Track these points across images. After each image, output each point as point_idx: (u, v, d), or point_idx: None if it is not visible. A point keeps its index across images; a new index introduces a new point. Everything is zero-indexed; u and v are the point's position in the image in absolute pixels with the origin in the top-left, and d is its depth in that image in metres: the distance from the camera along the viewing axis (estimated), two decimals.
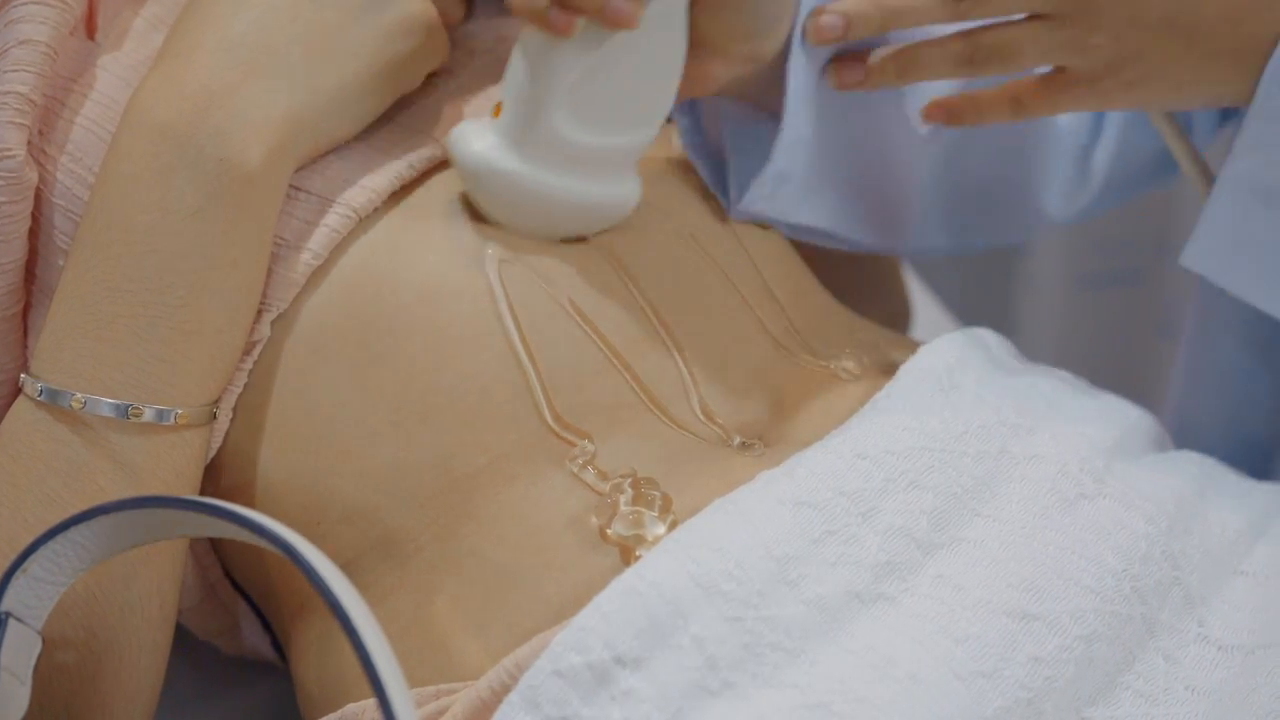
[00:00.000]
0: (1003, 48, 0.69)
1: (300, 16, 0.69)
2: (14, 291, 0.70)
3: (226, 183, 0.66)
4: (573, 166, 0.69)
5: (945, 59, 0.70)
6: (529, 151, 0.68)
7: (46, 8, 0.70)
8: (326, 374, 0.68)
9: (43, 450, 0.66)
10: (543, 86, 0.67)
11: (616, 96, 0.68)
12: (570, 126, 0.68)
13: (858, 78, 0.72)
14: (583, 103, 0.67)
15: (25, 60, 0.69)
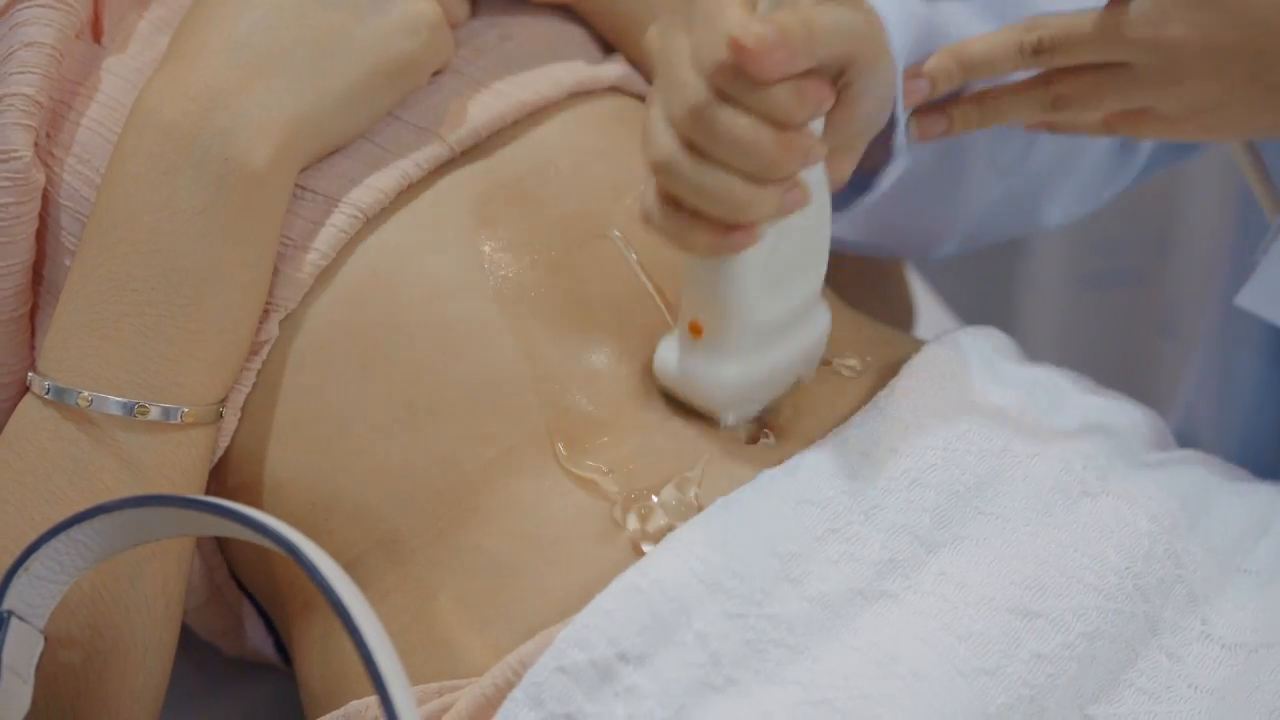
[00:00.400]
0: (1085, 95, 0.69)
1: (305, 17, 0.69)
2: (21, 292, 0.70)
3: (232, 182, 0.66)
4: (780, 336, 0.67)
5: (1028, 105, 0.71)
6: (747, 353, 0.66)
7: (51, 10, 0.70)
8: (335, 373, 0.68)
9: (49, 448, 0.66)
10: (737, 292, 0.65)
11: (794, 255, 0.66)
12: (770, 308, 0.66)
13: (941, 127, 0.72)
14: (772, 281, 0.65)
15: (30, 62, 0.69)
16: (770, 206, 0.61)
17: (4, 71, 0.69)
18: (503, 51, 0.77)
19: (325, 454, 0.68)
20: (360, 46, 0.70)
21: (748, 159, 0.60)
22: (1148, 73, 0.67)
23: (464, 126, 0.73)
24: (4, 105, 0.69)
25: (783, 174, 0.60)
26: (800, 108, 0.59)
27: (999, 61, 0.69)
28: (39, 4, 0.70)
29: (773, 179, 0.60)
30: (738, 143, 0.59)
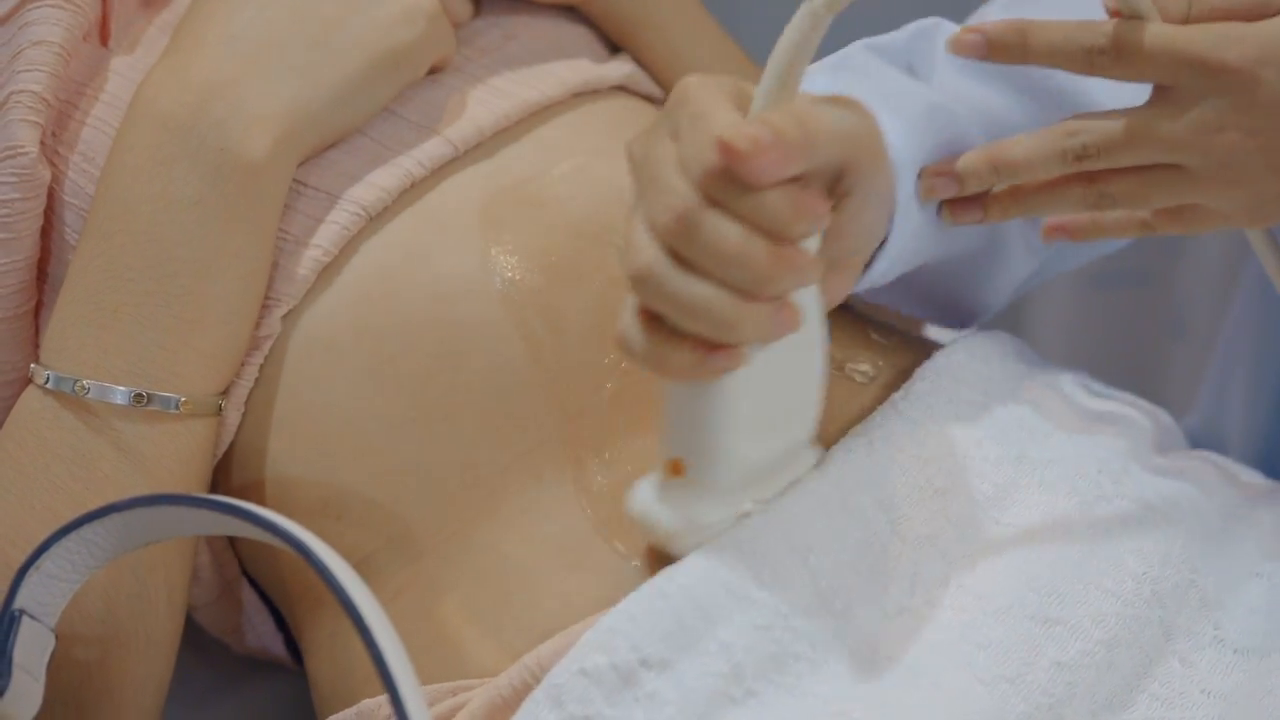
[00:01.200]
0: (1133, 194, 0.65)
1: (301, 10, 0.69)
2: (26, 289, 0.70)
3: (228, 172, 0.66)
4: (766, 478, 0.63)
5: (1069, 201, 0.66)
6: (731, 493, 0.61)
7: (60, 10, 0.70)
8: (342, 372, 0.68)
9: (49, 437, 0.66)
10: (721, 425, 0.59)
11: (785, 388, 0.61)
12: (756, 447, 0.61)
13: (975, 217, 0.68)
14: (760, 415, 0.60)
15: (38, 60, 0.69)
16: (759, 326, 0.56)
17: (12, 69, 0.69)
18: (506, 51, 0.77)
19: (334, 453, 0.68)
20: (357, 38, 0.70)
21: (737, 271, 0.55)
22: (1203, 174, 0.63)
23: (467, 125, 0.72)
24: (11, 102, 0.69)
25: (774, 291, 0.56)
26: (795, 217, 0.56)
27: (1039, 167, 0.65)
28: (48, 4, 0.70)
29: (763, 295, 0.56)
30: (727, 252, 0.55)
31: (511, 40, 0.78)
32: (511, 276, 0.69)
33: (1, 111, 0.69)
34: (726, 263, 0.55)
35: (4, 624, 0.60)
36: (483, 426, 0.67)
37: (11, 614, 0.60)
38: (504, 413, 0.67)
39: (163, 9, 0.76)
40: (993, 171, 0.65)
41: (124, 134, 0.67)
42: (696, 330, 0.56)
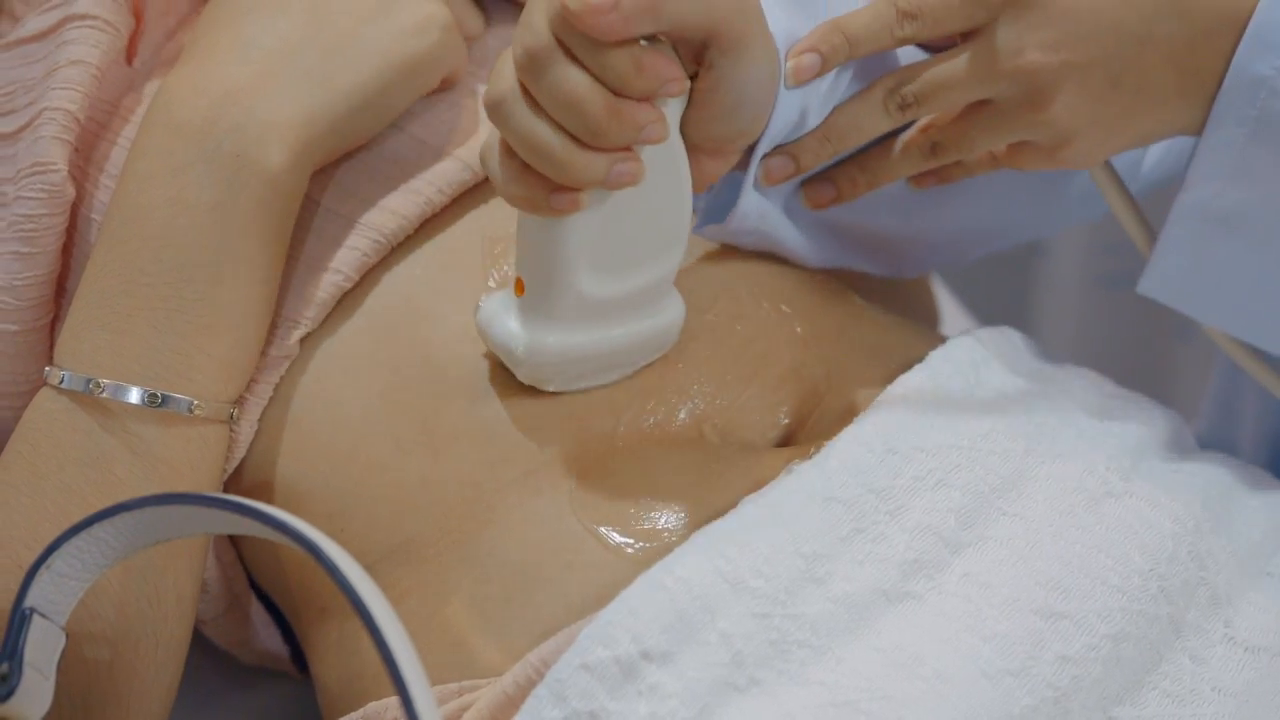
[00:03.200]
0: (959, 139, 0.68)
1: (316, 17, 0.70)
2: (45, 303, 0.71)
3: (244, 178, 0.67)
4: (612, 316, 0.65)
5: (909, 159, 0.70)
6: (565, 321, 0.65)
7: (99, 32, 0.71)
8: (357, 394, 0.69)
9: (63, 439, 0.66)
10: (560, 258, 0.63)
11: (635, 238, 0.64)
12: (598, 284, 0.64)
13: (830, 195, 0.71)
14: (604, 258, 0.63)
15: (74, 80, 0.70)
16: (593, 173, 0.59)
17: (47, 85, 0.70)
18: None
19: (342, 468, 0.68)
20: (370, 46, 0.70)
21: (573, 117, 0.58)
22: (1013, 105, 0.66)
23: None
24: (44, 119, 0.70)
25: (610, 142, 0.59)
26: (636, 76, 0.58)
27: (866, 126, 0.68)
28: (88, 25, 0.71)
29: (599, 145, 0.59)
30: (565, 98, 0.58)
31: None
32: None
33: (33, 127, 0.70)
34: (563, 108, 0.58)
35: (15, 622, 0.60)
36: (488, 450, 0.67)
37: (23, 612, 0.60)
38: (512, 442, 0.67)
39: (187, 29, 0.77)
40: (824, 142, 0.68)
41: (140, 141, 0.68)
42: (536, 167, 0.59)
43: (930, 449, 0.65)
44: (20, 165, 0.70)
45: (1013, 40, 0.64)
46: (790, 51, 0.65)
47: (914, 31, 0.66)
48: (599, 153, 0.59)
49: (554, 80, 0.58)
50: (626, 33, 0.57)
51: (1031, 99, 0.65)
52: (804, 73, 0.65)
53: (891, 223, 0.76)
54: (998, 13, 0.65)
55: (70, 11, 0.72)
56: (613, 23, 0.57)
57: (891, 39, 0.67)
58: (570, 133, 0.58)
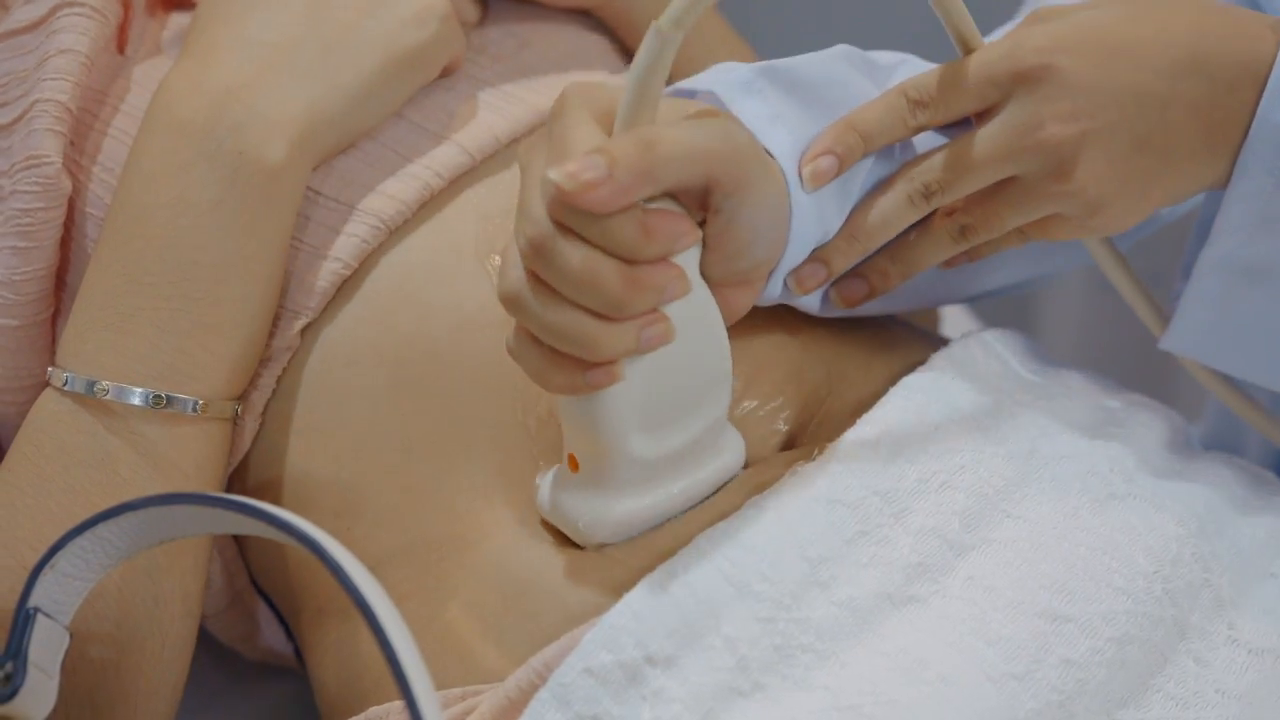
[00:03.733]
0: (988, 219, 0.67)
1: (314, 12, 0.70)
2: (45, 297, 0.71)
3: (246, 176, 0.66)
4: (672, 471, 0.63)
5: (942, 246, 0.68)
6: (624, 488, 0.62)
7: (87, 20, 0.71)
8: (361, 389, 0.68)
9: (67, 440, 0.66)
10: (607, 430, 0.60)
11: (678, 391, 0.62)
12: (651, 445, 0.62)
13: (863, 292, 0.70)
14: (652, 418, 0.61)
15: (64, 69, 0.70)
16: (623, 344, 0.58)
17: (37, 77, 0.70)
18: (521, 59, 0.77)
19: (350, 466, 0.68)
20: (370, 39, 0.70)
21: (590, 295, 0.56)
22: (1038, 179, 0.65)
23: (484, 133, 0.73)
24: (36, 111, 0.69)
25: (633, 311, 0.57)
26: (646, 243, 0.57)
27: (893, 221, 0.66)
28: (75, 13, 0.71)
29: (622, 316, 0.57)
30: (576, 278, 0.56)
31: (526, 48, 0.78)
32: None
33: (26, 119, 0.69)
34: (579, 288, 0.57)
35: (19, 621, 0.60)
36: (499, 461, 0.67)
37: (27, 612, 0.60)
38: (522, 454, 0.67)
39: (176, 14, 0.77)
40: (852, 242, 0.67)
41: (141, 140, 0.68)
42: (565, 350, 0.58)
43: (934, 451, 0.65)
44: (15, 158, 0.70)
45: (1029, 115, 0.64)
46: (805, 156, 0.64)
47: (927, 119, 0.66)
48: (626, 322, 0.57)
49: (564, 263, 0.56)
50: (625, 203, 0.56)
51: (1056, 171, 0.64)
52: (822, 176, 0.64)
53: (923, 298, 0.76)
54: (1010, 90, 0.64)
55: (58, 0, 0.71)
56: (609, 195, 0.55)
57: (905, 129, 0.66)
58: (592, 310, 0.57)
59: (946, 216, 0.68)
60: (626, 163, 0.55)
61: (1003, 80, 0.64)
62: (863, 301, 0.70)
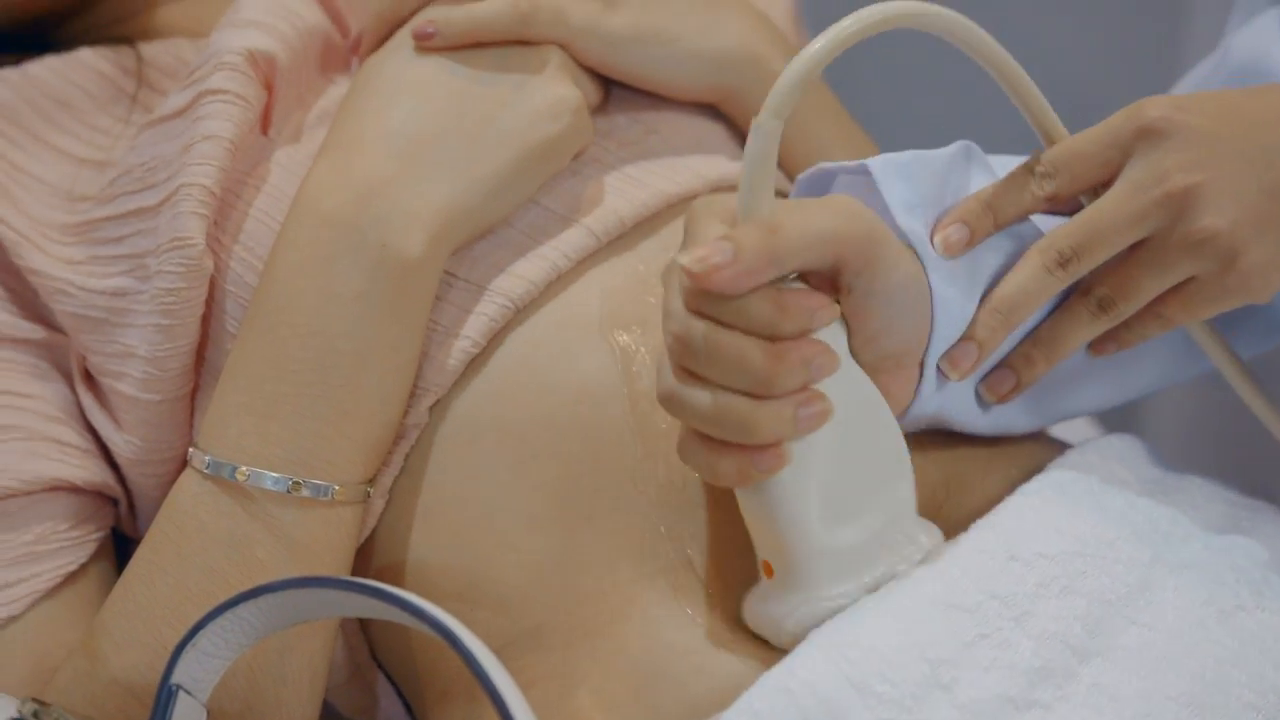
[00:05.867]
0: (1125, 287, 0.67)
1: (454, 105, 0.71)
2: (186, 373, 0.73)
3: (388, 268, 0.68)
4: (866, 563, 0.63)
5: (1083, 323, 0.69)
6: (820, 584, 0.63)
7: (232, 106, 0.73)
8: (485, 464, 0.70)
9: (207, 521, 0.68)
10: (789, 521, 0.61)
11: (853, 474, 0.62)
12: (836, 534, 0.62)
13: (1010, 383, 0.70)
14: (832, 505, 0.62)
15: (210, 154, 0.72)
16: (783, 421, 0.59)
17: (183, 161, 0.72)
18: (647, 145, 0.79)
19: (472, 543, 0.69)
20: (507, 132, 0.71)
21: (738, 375, 0.59)
22: (1169, 234, 0.65)
23: (609, 216, 0.74)
24: (182, 194, 0.71)
25: (785, 387, 0.59)
26: (782, 318, 0.59)
27: (1034, 292, 0.67)
28: (220, 99, 0.73)
29: (775, 393, 0.59)
30: (724, 362, 0.59)
31: (652, 135, 0.79)
32: (649, 383, 0.70)
33: (172, 202, 0.71)
34: (728, 371, 0.59)
35: (162, 699, 0.62)
36: (624, 534, 0.68)
37: (169, 689, 0.62)
38: (644, 528, 0.68)
39: (318, 99, 0.79)
40: (994, 314, 0.67)
41: (288, 230, 0.70)
42: (727, 437, 0.59)
43: (1054, 555, 0.64)
44: (161, 239, 0.72)
45: (1153, 170, 0.65)
46: (936, 227, 0.66)
47: (1054, 188, 0.67)
48: (780, 400, 0.59)
49: (709, 350, 0.59)
50: (753, 282, 0.58)
51: (1185, 223, 0.65)
52: (954, 246, 0.66)
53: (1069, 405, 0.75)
54: (1131, 148, 0.66)
55: (205, 87, 0.73)
56: (737, 275, 0.58)
57: (1033, 199, 0.67)
58: (746, 392, 0.59)
59: (1084, 294, 0.69)
60: (751, 245, 0.58)
61: (1124, 139, 0.66)
62: (1012, 394, 0.70)
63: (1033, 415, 0.73)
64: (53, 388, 0.75)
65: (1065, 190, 0.68)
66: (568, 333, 0.71)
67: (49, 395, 0.75)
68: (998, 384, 0.70)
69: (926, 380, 0.67)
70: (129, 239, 0.74)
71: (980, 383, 0.70)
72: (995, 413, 0.72)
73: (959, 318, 0.67)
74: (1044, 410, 0.73)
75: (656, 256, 0.74)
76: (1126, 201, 0.66)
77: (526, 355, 0.71)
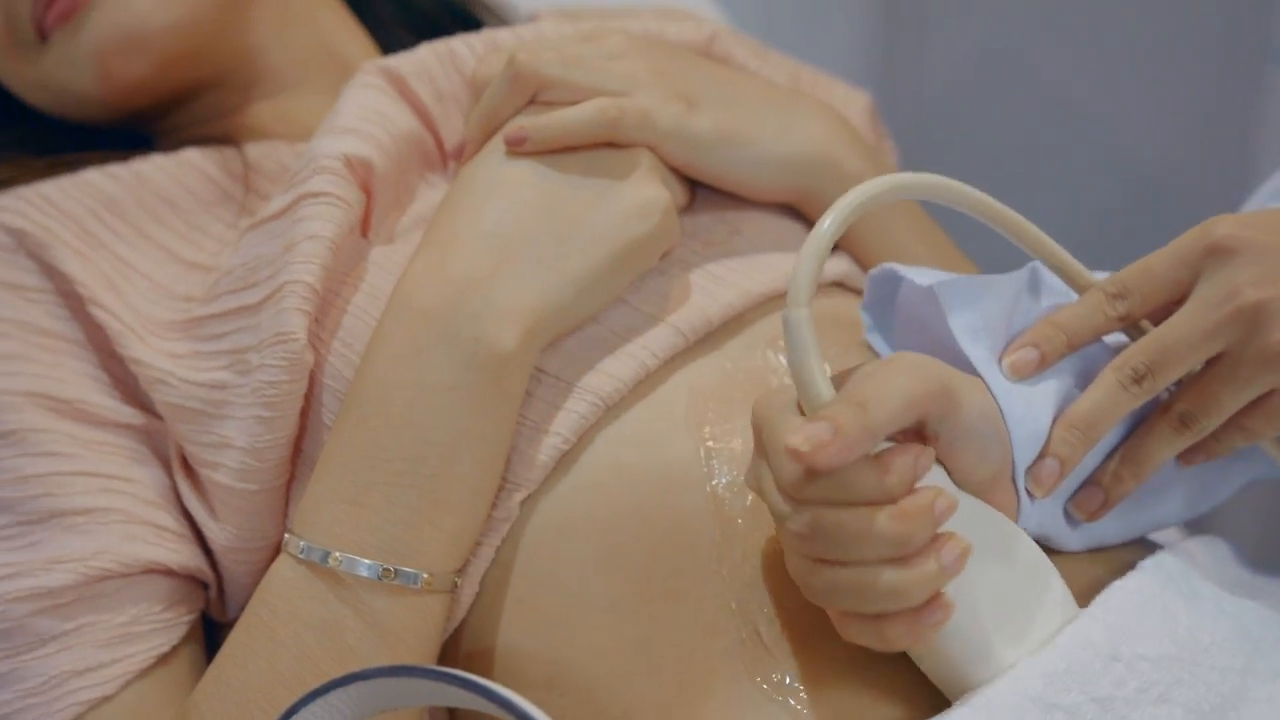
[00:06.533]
0: (1204, 401, 0.68)
1: (547, 204, 0.73)
2: (283, 464, 0.74)
3: (481, 362, 0.70)
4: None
5: (1166, 439, 0.70)
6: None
7: (333, 207, 0.75)
8: (573, 555, 0.71)
9: (300, 607, 0.69)
10: (981, 661, 0.63)
11: (1014, 589, 0.64)
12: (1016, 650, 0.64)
13: (1099, 500, 0.71)
14: (1011, 627, 0.64)
15: (312, 253, 0.74)
16: (931, 573, 0.60)
17: (286, 260, 0.74)
18: (731, 244, 0.80)
19: (559, 631, 0.70)
20: (598, 232, 0.73)
21: (873, 546, 0.60)
22: (1245, 348, 0.66)
23: (696, 315, 0.75)
24: (286, 291, 0.73)
25: (918, 541, 0.60)
26: (889, 476, 0.60)
27: (1110, 406, 0.68)
28: (322, 201, 0.75)
29: (912, 549, 0.60)
30: (852, 536, 0.60)
31: (736, 234, 0.81)
32: (732, 476, 0.71)
33: (275, 299, 0.74)
34: (861, 546, 0.60)
35: None
36: (704, 611, 0.69)
37: None
38: (722, 606, 0.69)
39: (414, 202, 0.81)
40: (1075, 432, 0.68)
41: (384, 324, 0.72)
42: (887, 609, 0.60)
43: (1153, 658, 0.64)
44: (263, 335, 0.74)
45: (1224, 286, 0.66)
46: (1007, 349, 0.68)
47: (1127, 309, 0.69)
48: (920, 557, 0.60)
49: (837, 533, 0.60)
50: (856, 455, 0.59)
51: (1260, 338, 0.66)
52: (1023, 368, 0.68)
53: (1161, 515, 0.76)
54: (1200, 267, 0.67)
55: (305, 190, 0.76)
56: (841, 450, 0.59)
57: (1106, 321, 0.69)
58: (882, 560, 0.60)
59: (1165, 410, 0.70)
60: (846, 421, 0.59)
61: (1194, 258, 0.67)
62: (1101, 511, 0.71)
63: (1124, 527, 0.74)
64: (151, 473, 0.77)
65: (1138, 311, 0.69)
66: (655, 428, 0.72)
67: (148, 480, 0.77)
68: (1087, 502, 0.71)
69: (1021, 497, 0.68)
70: (230, 335, 0.76)
71: (1069, 501, 0.71)
72: (1086, 528, 0.72)
73: (1034, 434, 0.67)
74: (1135, 522, 0.74)
75: (742, 354, 0.75)
76: (1198, 318, 0.67)
77: (615, 451, 0.72)
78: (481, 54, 0.84)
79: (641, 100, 0.76)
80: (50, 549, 0.73)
